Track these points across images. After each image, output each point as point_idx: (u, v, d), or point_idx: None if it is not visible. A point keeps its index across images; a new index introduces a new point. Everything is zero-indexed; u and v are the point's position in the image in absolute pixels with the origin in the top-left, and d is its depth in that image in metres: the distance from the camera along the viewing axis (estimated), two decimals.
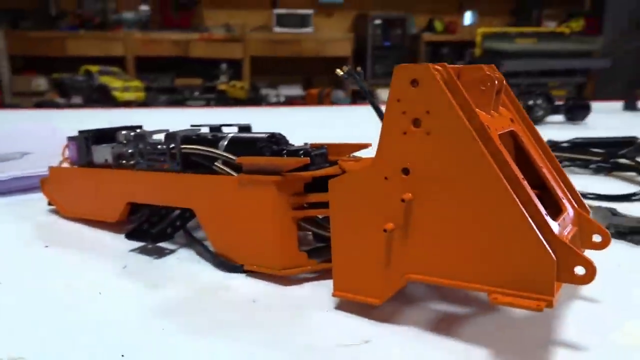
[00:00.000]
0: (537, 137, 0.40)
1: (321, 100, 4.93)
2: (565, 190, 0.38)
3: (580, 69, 4.71)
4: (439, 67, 0.33)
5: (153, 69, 4.78)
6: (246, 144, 0.45)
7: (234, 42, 4.85)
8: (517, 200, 0.30)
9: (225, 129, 0.52)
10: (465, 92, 0.32)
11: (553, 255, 0.29)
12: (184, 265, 0.45)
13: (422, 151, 0.32)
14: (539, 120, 1.09)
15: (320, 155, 0.44)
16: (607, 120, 1.19)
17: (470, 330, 0.35)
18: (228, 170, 0.43)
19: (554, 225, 0.32)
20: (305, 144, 0.46)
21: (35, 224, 0.55)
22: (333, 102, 4.97)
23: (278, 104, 4.78)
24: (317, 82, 5.34)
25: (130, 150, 0.51)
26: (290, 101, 5.00)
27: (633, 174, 0.71)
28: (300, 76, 5.37)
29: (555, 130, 1.07)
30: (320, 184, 0.42)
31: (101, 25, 4.62)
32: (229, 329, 0.35)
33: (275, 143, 0.45)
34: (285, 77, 5.27)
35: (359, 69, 0.63)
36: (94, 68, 4.09)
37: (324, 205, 0.41)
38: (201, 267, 0.44)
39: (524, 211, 0.29)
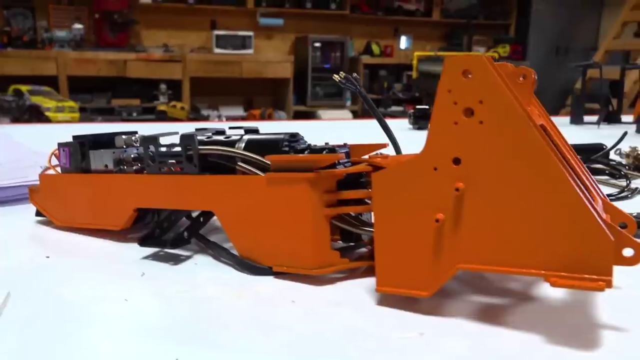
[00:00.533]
0: (559, 132, 0.41)
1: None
2: (591, 181, 0.40)
3: None
4: (487, 59, 0.34)
5: (88, 89, 4.61)
6: (266, 145, 0.44)
7: (173, 62, 4.78)
8: (583, 196, 0.31)
9: (230, 132, 0.51)
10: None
11: (611, 237, 0.30)
12: (205, 270, 0.43)
13: (474, 140, 0.33)
14: None
15: (344, 153, 0.44)
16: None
17: (514, 319, 0.35)
18: (253, 170, 0.42)
19: (600, 210, 0.33)
20: (326, 143, 0.45)
21: (28, 235, 0.51)
22: None
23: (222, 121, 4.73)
24: (258, 103, 5.35)
25: (132, 155, 0.49)
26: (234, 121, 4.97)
27: (605, 177, 0.76)
28: (241, 97, 5.35)
29: None
30: (346, 183, 0.41)
31: (31, 44, 4.41)
32: (279, 329, 0.33)
33: (297, 142, 0.44)
34: (226, 98, 5.23)
35: (355, 75, 0.64)
36: (24, 87, 3.89)
37: (357, 202, 0.41)
38: (224, 270, 0.43)
39: (582, 195, 0.30)
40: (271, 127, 1.38)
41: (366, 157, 0.47)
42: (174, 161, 0.45)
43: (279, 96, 5.44)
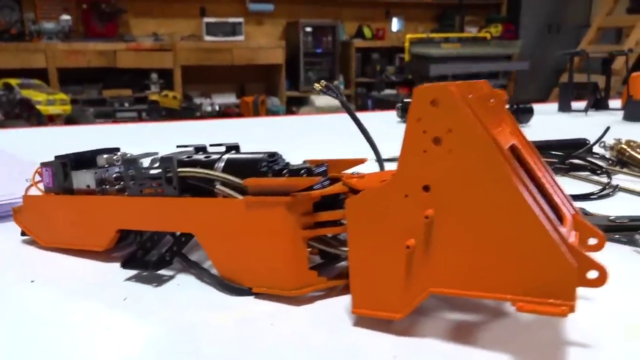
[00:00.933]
0: (531, 147, 0.42)
1: (257, 107, 4.91)
2: (561, 196, 0.41)
3: (502, 71, 4.99)
4: (455, 86, 0.34)
5: (79, 80, 4.59)
6: (245, 165, 0.44)
7: (163, 51, 4.75)
8: (537, 212, 0.31)
9: (211, 149, 0.51)
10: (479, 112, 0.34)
11: (573, 262, 0.31)
12: (187, 291, 0.44)
13: (443, 168, 0.33)
14: None
15: (321, 173, 0.44)
16: (548, 121, 1.27)
17: (486, 336, 0.36)
18: (231, 192, 0.42)
19: (565, 233, 0.34)
20: (304, 161, 0.46)
21: (13, 257, 0.52)
22: (269, 110, 4.97)
23: (211, 116, 4.71)
24: (250, 89, 5.33)
25: (114, 175, 0.49)
26: (225, 110, 4.95)
27: (587, 173, 0.77)
28: (234, 84, 5.33)
29: None
30: (324, 202, 0.42)
31: (19, 36, 4.37)
32: (259, 352, 0.34)
33: (275, 162, 0.45)
34: (218, 86, 5.21)
35: (336, 82, 0.64)
36: (13, 81, 3.86)
37: (334, 223, 0.42)
38: (205, 291, 0.43)
39: (544, 222, 0.31)
40: (255, 139, 1.37)
41: (347, 172, 0.48)
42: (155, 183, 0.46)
43: (271, 82, 5.42)
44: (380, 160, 0.53)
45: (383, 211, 0.36)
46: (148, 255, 0.48)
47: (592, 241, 0.40)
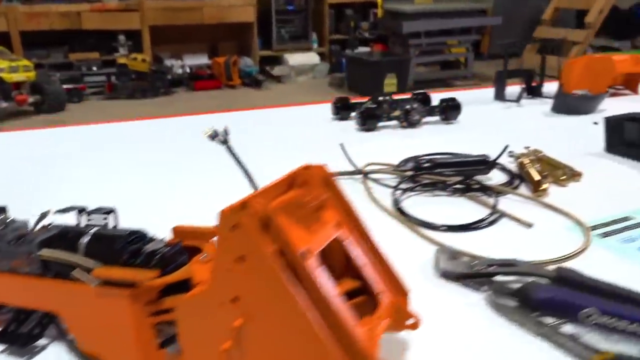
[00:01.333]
0: (359, 232, 0.45)
1: (228, 68, 4.84)
2: (387, 278, 0.45)
3: (475, 26, 4.94)
4: (260, 202, 0.37)
5: (43, 44, 4.47)
6: (106, 242, 0.47)
7: (130, 11, 4.62)
8: (319, 329, 0.35)
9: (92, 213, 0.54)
10: (284, 227, 0.37)
11: None
12: None
13: (246, 284, 0.37)
14: (416, 124, 1.17)
15: (177, 252, 0.47)
16: (479, 114, 1.28)
17: None
18: (84, 279, 0.45)
19: (362, 334, 0.38)
20: (172, 229, 0.49)
21: None
22: (241, 70, 4.89)
23: (182, 78, 4.63)
24: (223, 49, 5.23)
25: None
26: (197, 72, 4.87)
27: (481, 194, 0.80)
28: (205, 44, 5.23)
29: (433, 133, 1.15)
30: (175, 283, 0.45)
31: None
32: None
33: (135, 241, 0.47)
34: (189, 46, 5.11)
35: (224, 128, 0.67)
36: None
37: None
38: None
39: (326, 343, 0.35)
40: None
41: (211, 240, 0.51)
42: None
43: (243, 41, 5.32)
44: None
45: (204, 315, 0.39)
46: (24, 324, 0.51)
47: (411, 321, 0.44)
